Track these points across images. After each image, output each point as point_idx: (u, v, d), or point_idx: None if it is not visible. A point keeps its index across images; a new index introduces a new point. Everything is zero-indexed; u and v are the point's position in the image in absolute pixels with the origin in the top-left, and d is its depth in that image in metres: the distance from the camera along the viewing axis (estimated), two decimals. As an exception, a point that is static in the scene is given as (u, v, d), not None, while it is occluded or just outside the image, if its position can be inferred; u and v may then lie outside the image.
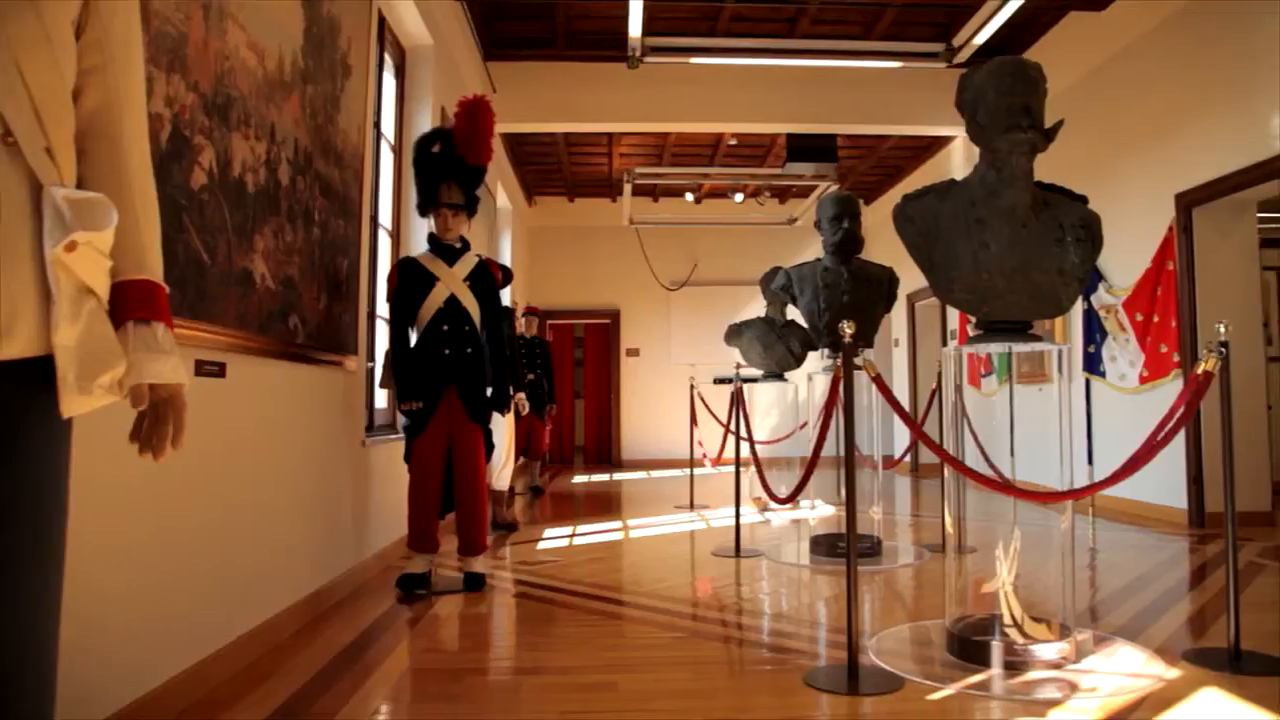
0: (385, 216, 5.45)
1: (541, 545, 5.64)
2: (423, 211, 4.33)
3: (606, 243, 12.90)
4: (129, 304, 1.26)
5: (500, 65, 7.97)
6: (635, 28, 6.52)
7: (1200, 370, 2.96)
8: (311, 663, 2.99)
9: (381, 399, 5.18)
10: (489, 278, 4.38)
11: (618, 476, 11.22)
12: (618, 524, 6.67)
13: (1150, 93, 6.48)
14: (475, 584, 4.20)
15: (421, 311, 4.18)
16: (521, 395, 6.40)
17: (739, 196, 11.64)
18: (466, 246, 4.35)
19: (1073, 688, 2.68)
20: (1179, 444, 5.95)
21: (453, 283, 4.21)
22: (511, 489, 6.73)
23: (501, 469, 6.02)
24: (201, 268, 2.66)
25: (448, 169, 4.23)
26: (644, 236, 12.79)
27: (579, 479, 10.94)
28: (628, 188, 10.65)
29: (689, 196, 11.92)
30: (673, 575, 4.67)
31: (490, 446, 4.40)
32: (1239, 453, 4.29)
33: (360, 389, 4.48)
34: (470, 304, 4.24)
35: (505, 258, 10.06)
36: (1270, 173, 5.38)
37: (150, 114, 2.27)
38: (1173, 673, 2.79)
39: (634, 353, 13.07)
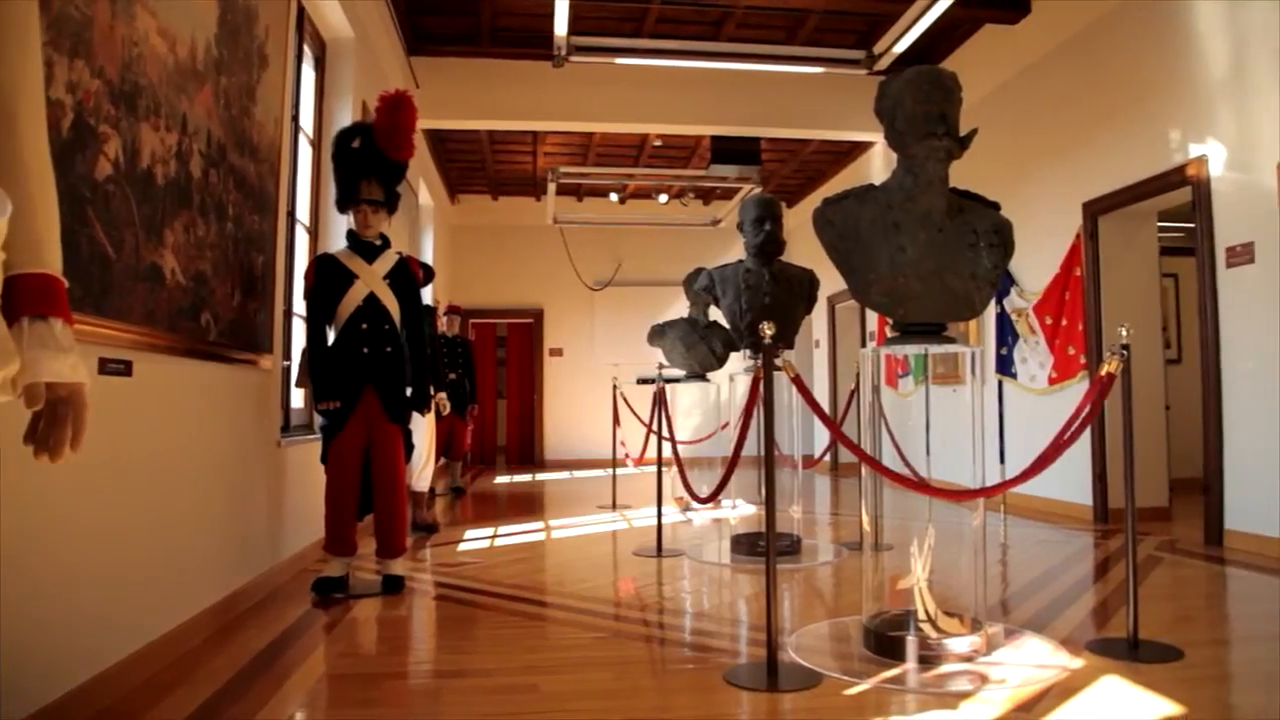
0: (303, 212, 5.33)
1: (462, 546, 5.58)
2: (342, 208, 4.25)
3: (530, 242, 12.83)
4: (24, 299, 1.20)
5: (423, 60, 7.88)
6: (561, 26, 6.49)
7: (1104, 372, 3.08)
8: (224, 669, 2.91)
9: (298, 398, 5.06)
10: (409, 276, 4.31)
11: (540, 477, 11.16)
12: (540, 524, 6.64)
13: (1060, 104, 6.71)
14: (394, 586, 4.14)
15: (340, 309, 4.10)
16: (442, 395, 6.32)
17: (663, 197, 11.70)
18: (387, 244, 4.28)
19: (983, 679, 2.75)
20: (1085, 443, 6.18)
21: (372, 280, 4.14)
22: (432, 490, 6.64)
23: (422, 470, 5.94)
24: (106, 262, 2.56)
25: (368, 164, 4.15)
26: (568, 236, 12.76)
27: (501, 479, 10.85)
28: (552, 187, 10.62)
29: (613, 196, 11.93)
30: (595, 575, 4.67)
31: (410, 447, 4.34)
32: (1139, 451, 4.46)
33: (276, 388, 4.37)
34: (390, 302, 4.17)
35: (427, 255, 9.93)
36: (1169, 184, 5.63)
37: (50, 100, 2.18)
38: (1077, 663, 2.90)
39: (557, 352, 13.03)
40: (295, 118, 5.02)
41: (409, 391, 4.27)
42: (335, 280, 4.10)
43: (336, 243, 4.93)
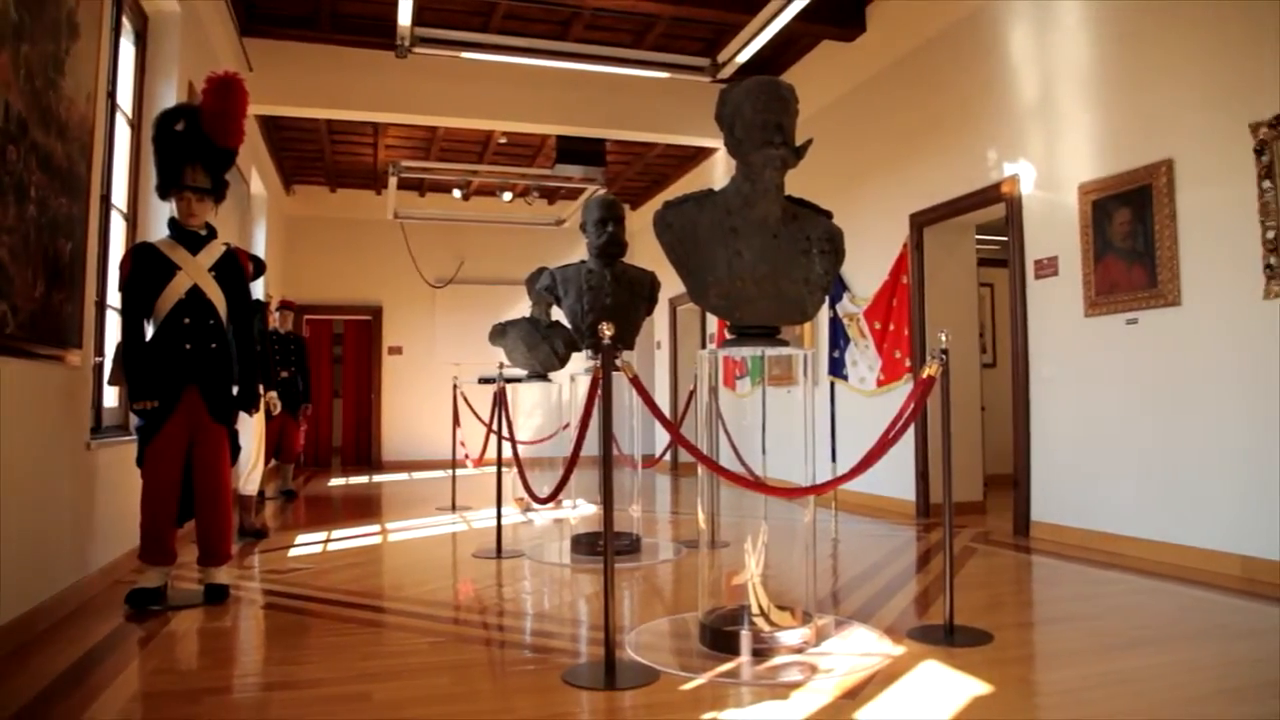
0: (120, 197, 4.98)
1: (294, 552, 5.35)
2: (163, 194, 3.99)
3: (370, 236, 12.47)
4: None
5: (258, 42, 7.51)
6: (405, 16, 6.33)
7: (925, 375, 3.26)
8: (22, 691, 2.67)
9: (112, 397, 4.72)
10: (237, 268, 4.10)
11: (377, 478, 10.87)
12: (376, 528, 6.46)
13: (890, 120, 7.07)
14: (217, 596, 3.92)
15: (159, 303, 3.84)
16: (273, 394, 6.07)
17: (507, 195, 11.60)
18: (213, 234, 4.06)
19: (813, 670, 2.86)
20: (909, 442, 6.52)
21: (196, 272, 3.91)
22: (262, 493, 6.35)
23: (250, 472, 5.67)
24: (-116, 245, 2.31)
25: (193, 150, 3.91)
26: (409, 232, 12.47)
27: (336, 482, 10.50)
28: (393, 181, 10.35)
29: (457, 193, 11.74)
30: (433, 579, 4.58)
31: (236, 448, 4.13)
32: (957, 450, 4.75)
33: (86, 386, 4.07)
34: (215, 296, 3.95)
35: (259, 248, 9.47)
36: (986, 199, 6.03)
37: None
38: (899, 650, 3.05)
39: (396, 351, 12.71)
40: (112, 95, 4.69)
41: (235, 390, 4.06)
42: (154, 271, 3.85)
43: (158, 231, 4.63)
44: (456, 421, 8.02)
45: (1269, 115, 4.09)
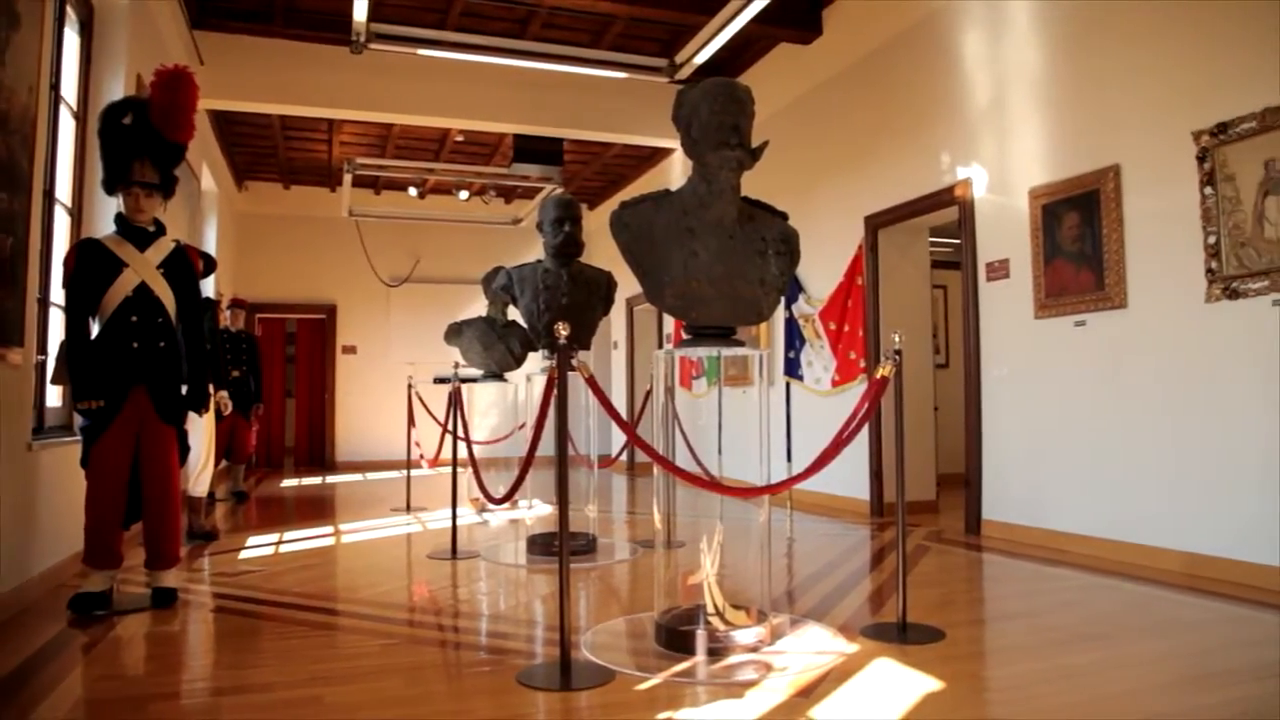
0: (64, 192, 4.86)
1: (244, 554, 5.26)
2: (110, 189, 3.90)
3: (324, 234, 12.32)
4: None
5: (210, 35, 7.38)
6: (360, 12, 6.25)
7: (879, 375, 3.29)
8: (-44, 699, 2.61)
9: (55, 396, 4.61)
10: (187, 265, 4.02)
11: (331, 479, 10.75)
12: (329, 529, 6.38)
13: (846, 123, 7.13)
14: (165, 600, 3.84)
15: (106, 300, 3.75)
16: (223, 394, 5.97)
17: (464, 194, 11.52)
18: (161, 230, 3.97)
19: (768, 668, 2.87)
20: (864, 441, 6.59)
21: (144, 269, 3.82)
22: (212, 495, 6.25)
23: (199, 473, 5.57)
24: None
25: (141, 144, 3.83)
26: (364, 230, 12.34)
27: (288, 483, 10.36)
28: (348, 178, 10.23)
29: (412, 191, 11.63)
30: (387, 580, 4.53)
31: (185, 449, 4.05)
32: (910, 449, 4.80)
33: (28, 385, 3.97)
34: (164, 293, 3.87)
35: (209, 245, 9.31)
36: (940, 202, 6.12)
37: None
38: (853, 647, 3.08)
39: (350, 350, 12.57)
40: (56, 87, 4.57)
41: (184, 390, 3.98)
42: (100, 268, 3.76)
43: (105, 227, 4.52)
44: (411, 422, 7.95)
45: (1211, 123, 4.20)
